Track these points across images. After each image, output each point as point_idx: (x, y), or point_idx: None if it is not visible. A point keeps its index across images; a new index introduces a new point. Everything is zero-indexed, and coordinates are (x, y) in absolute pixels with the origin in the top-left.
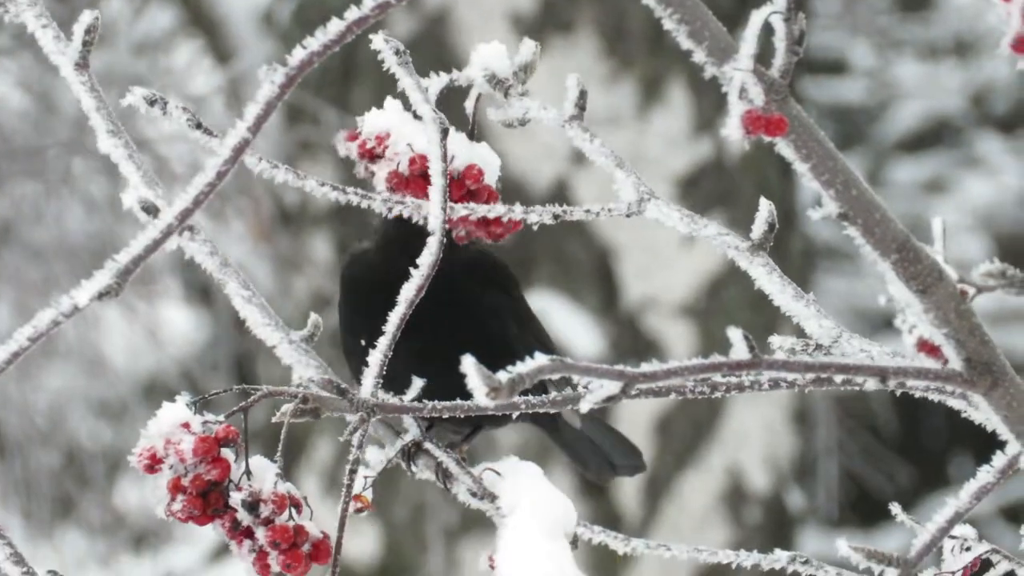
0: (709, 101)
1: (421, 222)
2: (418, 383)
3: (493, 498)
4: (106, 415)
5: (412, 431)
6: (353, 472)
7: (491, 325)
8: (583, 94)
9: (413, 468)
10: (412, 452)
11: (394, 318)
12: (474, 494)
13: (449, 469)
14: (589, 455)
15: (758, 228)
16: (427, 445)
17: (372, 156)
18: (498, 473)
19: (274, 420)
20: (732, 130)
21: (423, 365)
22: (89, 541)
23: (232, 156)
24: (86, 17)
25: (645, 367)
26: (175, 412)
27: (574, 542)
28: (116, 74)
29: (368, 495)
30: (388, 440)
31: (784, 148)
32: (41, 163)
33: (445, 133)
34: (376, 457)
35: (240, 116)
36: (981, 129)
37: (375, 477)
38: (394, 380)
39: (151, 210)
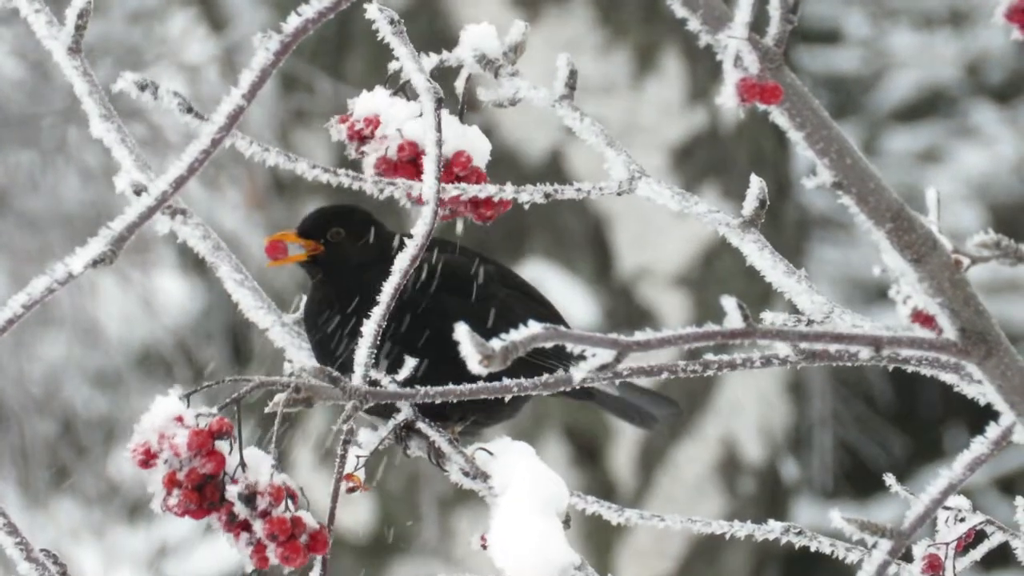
0: (704, 70)
1: (409, 205)
2: (410, 363)
3: (485, 477)
4: (101, 384)
5: (405, 411)
6: (347, 443)
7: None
8: (573, 73)
9: (407, 452)
10: (404, 433)
11: (388, 288)
12: (466, 473)
13: (441, 449)
14: (632, 413)
15: (749, 205)
16: (419, 425)
17: (362, 138)
18: (490, 452)
19: (267, 411)
20: (727, 98)
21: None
22: (84, 511)
23: (227, 123)
24: (78, 1)
25: (639, 336)
26: (168, 405)
27: (566, 521)
28: (111, 43)
29: (360, 475)
30: (380, 421)
31: (779, 116)
32: (36, 132)
33: (439, 103)
34: (368, 438)
35: (235, 84)
36: (976, 99)
37: (367, 457)
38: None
39: (143, 193)
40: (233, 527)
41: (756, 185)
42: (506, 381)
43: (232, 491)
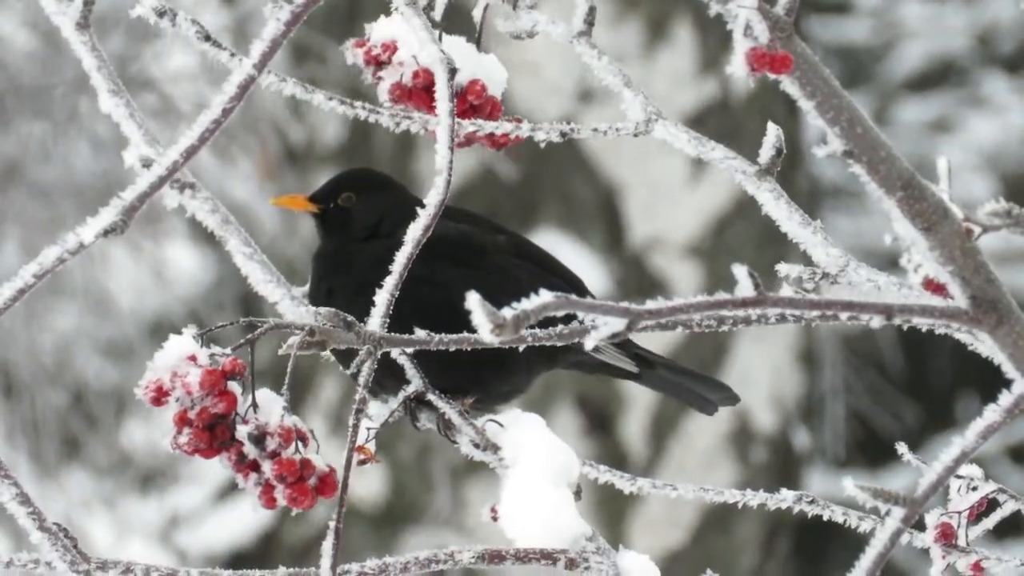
0: (715, 40)
1: (422, 133)
2: (420, 334)
3: (496, 449)
4: (113, 355)
5: (415, 383)
6: (360, 411)
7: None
8: (592, 10)
9: (417, 424)
10: (414, 405)
11: (401, 258)
12: (477, 445)
13: (452, 420)
14: (689, 397)
15: (765, 153)
16: (429, 396)
17: (379, 64)
18: (501, 424)
19: (280, 352)
20: (737, 68)
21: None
22: (96, 482)
23: (238, 93)
24: None
25: (650, 304)
26: (181, 345)
27: (578, 492)
28: (121, 13)
29: (371, 447)
30: (390, 394)
31: (789, 86)
32: (48, 102)
33: (453, 73)
34: (379, 410)
35: (246, 55)
36: (987, 69)
37: (378, 430)
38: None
39: (154, 164)
40: (242, 467)
41: (773, 133)
42: (522, 332)
43: (242, 431)
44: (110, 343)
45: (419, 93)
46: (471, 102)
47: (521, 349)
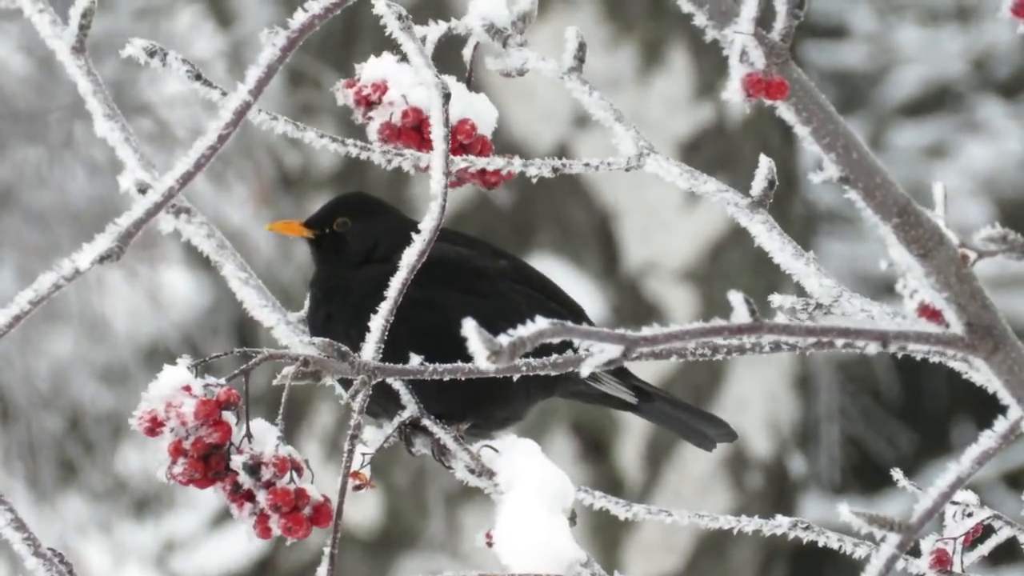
0: (710, 65)
1: (414, 172)
2: (415, 359)
3: (491, 475)
4: (108, 380)
5: (410, 408)
6: (355, 437)
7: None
8: (582, 46)
9: (412, 450)
10: (409, 430)
11: (395, 283)
12: (472, 471)
13: (447, 446)
14: (687, 432)
15: (758, 185)
16: (425, 422)
17: (369, 104)
18: (496, 450)
19: (275, 383)
20: (733, 93)
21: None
22: (91, 507)
23: (233, 119)
24: (82, 1)
25: (646, 331)
26: (176, 375)
27: (572, 518)
28: (117, 40)
29: (367, 472)
30: (385, 419)
31: (785, 111)
32: (43, 127)
33: (447, 98)
34: (374, 436)
35: (242, 80)
36: (982, 94)
37: (373, 455)
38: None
39: (149, 190)
40: (237, 497)
41: (765, 165)
42: (517, 362)
43: (237, 461)
44: (106, 368)
45: (408, 132)
46: (461, 141)
47: (515, 378)
